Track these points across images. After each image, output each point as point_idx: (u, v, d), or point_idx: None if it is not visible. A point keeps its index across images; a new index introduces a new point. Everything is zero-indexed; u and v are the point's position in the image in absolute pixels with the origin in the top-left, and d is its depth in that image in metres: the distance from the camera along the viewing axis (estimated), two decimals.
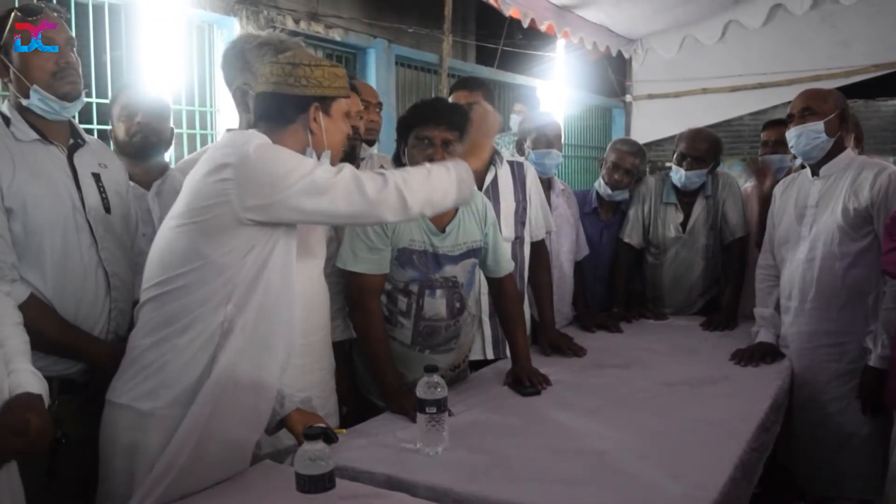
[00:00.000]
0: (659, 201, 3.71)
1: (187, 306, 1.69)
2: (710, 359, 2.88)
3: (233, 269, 1.70)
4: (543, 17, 5.25)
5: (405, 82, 5.63)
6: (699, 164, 3.57)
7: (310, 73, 1.81)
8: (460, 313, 2.49)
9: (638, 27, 6.65)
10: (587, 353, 2.94)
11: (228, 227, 1.68)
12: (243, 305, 1.71)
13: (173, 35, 3.79)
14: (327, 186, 1.71)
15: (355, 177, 1.75)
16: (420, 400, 1.88)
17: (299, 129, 1.82)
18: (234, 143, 1.74)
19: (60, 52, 1.93)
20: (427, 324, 2.43)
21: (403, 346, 2.44)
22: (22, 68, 1.91)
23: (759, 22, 6.39)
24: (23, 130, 1.93)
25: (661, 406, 2.30)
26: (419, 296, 2.42)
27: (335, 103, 1.86)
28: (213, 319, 1.69)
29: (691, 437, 2.04)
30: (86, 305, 1.97)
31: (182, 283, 1.70)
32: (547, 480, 1.75)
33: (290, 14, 4.50)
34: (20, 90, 1.93)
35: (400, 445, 1.96)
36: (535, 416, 2.23)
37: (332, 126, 1.86)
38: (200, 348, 1.70)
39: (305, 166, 1.72)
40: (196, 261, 1.69)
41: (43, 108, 1.94)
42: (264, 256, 1.74)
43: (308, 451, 1.48)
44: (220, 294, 1.69)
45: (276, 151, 1.73)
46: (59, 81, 1.93)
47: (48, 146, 1.97)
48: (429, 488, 1.72)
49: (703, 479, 1.76)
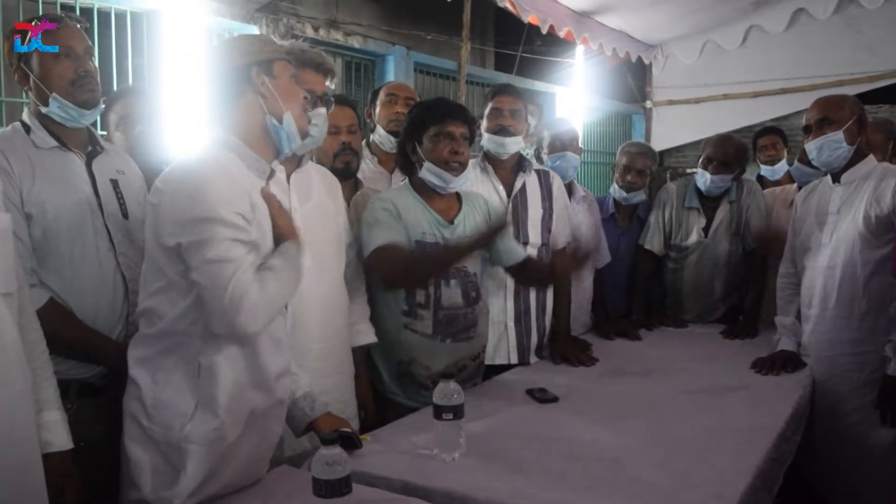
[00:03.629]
0: (681, 206, 3.71)
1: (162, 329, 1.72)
2: (729, 367, 2.86)
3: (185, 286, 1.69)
4: (563, 24, 5.24)
5: (424, 89, 5.65)
6: (725, 168, 3.56)
7: (235, 46, 1.84)
8: (476, 302, 2.57)
9: (658, 33, 6.61)
10: (606, 361, 2.93)
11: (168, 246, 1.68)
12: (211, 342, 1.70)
13: (194, 42, 3.82)
14: (226, 275, 1.63)
15: (244, 284, 1.64)
16: (437, 406, 1.88)
17: (251, 99, 1.80)
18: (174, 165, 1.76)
19: (79, 61, 1.97)
20: (446, 313, 2.50)
21: (425, 336, 2.50)
22: (42, 76, 1.94)
23: (781, 27, 6.32)
24: (42, 138, 1.96)
25: (680, 414, 2.29)
26: (436, 286, 2.49)
27: (276, 65, 1.84)
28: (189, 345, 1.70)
29: (710, 445, 2.02)
30: (104, 309, 2.00)
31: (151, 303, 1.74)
32: (564, 487, 1.75)
33: (309, 22, 4.53)
34: (40, 98, 1.96)
35: (417, 451, 1.95)
36: (553, 422, 2.22)
37: (281, 87, 1.83)
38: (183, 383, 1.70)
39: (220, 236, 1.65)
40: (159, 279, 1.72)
41: (62, 116, 1.97)
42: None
43: (325, 456, 1.48)
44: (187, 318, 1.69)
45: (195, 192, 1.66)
46: (79, 89, 1.96)
47: (67, 153, 1.99)
48: (446, 494, 1.72)
49: (721, 488, 1.74)
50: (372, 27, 5.15)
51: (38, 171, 1.91)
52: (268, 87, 1.81)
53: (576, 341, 3.10)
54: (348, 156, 2.62)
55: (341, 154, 2.60)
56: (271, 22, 4.11)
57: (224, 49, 1.84)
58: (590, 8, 5.45)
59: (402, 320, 2.50)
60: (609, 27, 5.89)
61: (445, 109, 2.53)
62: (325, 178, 2.41)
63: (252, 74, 1.80)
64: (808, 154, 2.88)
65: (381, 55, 5.21)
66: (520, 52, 6.03)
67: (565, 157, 3.34)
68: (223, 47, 1.86)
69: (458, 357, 2.55)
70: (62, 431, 1.71)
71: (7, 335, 1.54)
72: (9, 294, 1.57)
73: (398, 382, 2.55)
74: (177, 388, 1.70)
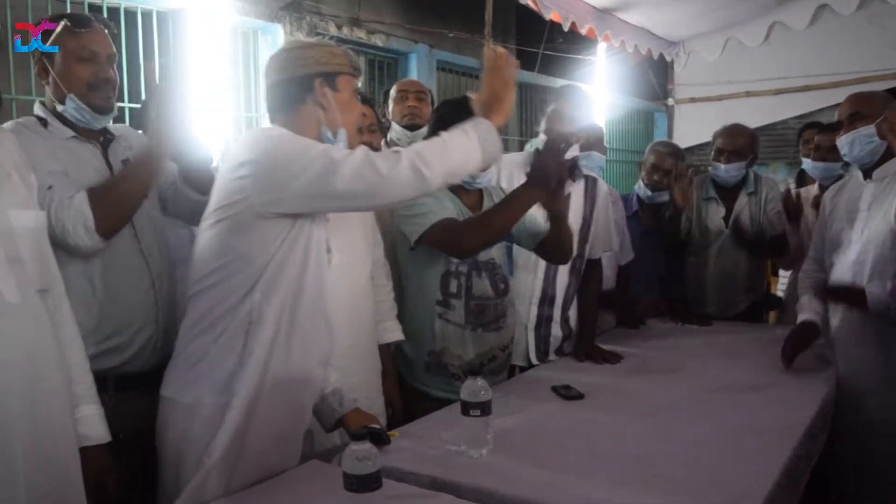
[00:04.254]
0: (700, 198, 3.74)
1: (218, 299, 1.76)
2: (754, 365, 2.84)
3: (259, 259, 1.74)
4: (584, 21, 5.22)
5: (446, 87, 5.66)
6: (737, 157, 3.62)
7: (305, 54, 1.85)
8: (504, 293, 2.61)
9: (680, 30, 6.58)
10: (629, 358, 2.94)
11: (251, 221, 1.73)
12: (270, 294, 1.75)
13: (219, 41, 3.85)
14: (337, 168, 1.70)
15: (366, 156, 1.74)
16: (464, 403, 1.89)
17: (311, 110, 1.85)
18: (250, 139, 1.81)
19: (100, 67, 1.99)
20: (476, 302, 2.54)
21: (457, 325, 2.54)
22: (61, 75, 1.96)
23: (804, 23, 6.28)
24: (59, 128, 2.00)
25: (705, 412, 2.28)
26: (468, 276, 2.53)
27: (340, 79, 1.87)
28: (241, 308, 1.75)
29: (735, 444, 2.02)
30: (132, 292, 2.03)
31: (215, 278, 1.77)
32: (591, 484, 1.75)
33: (332, 20, 4.55)
34: (57, 95, 1.99)
35: (445, 447, 1.96)
36: (578, 419, 2.23)
37: (341, 101, 1.87)
38: (232, 338, 1.75)
39: (315, 152, 1.72)
40: (226, 256, 1.75)
41: (76, 117, 2.00)
42: (289, 246, 1.77)
43: (355, 451, 1.49)
44: (246, 284, 1.75)
45: (289, 141, 1.76)
46: (95, 94, 1.98)
47: (84, 143, 2.02)
48: (474, 490, 1.72)
49: (747, 487, 1.74)
50: (394, 25, 5.17)
51: (58, 160, 1.93)
52: (329, 99, 1.84)
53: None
54: None
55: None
56: (295, 21, 4.13)
57: (291, 55, 1.86)
58: (612, 5, 5.43)
59: (436, 310, 2.53)
60: (631, 24, 5.87)
61: (471, 108, 2.51)
62: None
63: (315, 84, 1.83)
64: (840, 149, 2.86)
65: (404, 53, 5.23)
66: (541, 49, 6.02)
67: (591, 157, 3.33)
68: (291, 53, 1.87)
69: (489, 347, 2.58)
70: (99, 425, 1.74)
71: (43, 331, 1.57)
72: (44, 290, 1.61)
73: (429, 373, 2.58)
74: (223, 347, 1.75)
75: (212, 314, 1.77)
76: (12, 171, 1.62)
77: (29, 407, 1.51)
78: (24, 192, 1.64)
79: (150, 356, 2.05)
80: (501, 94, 1.90)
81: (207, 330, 1.77)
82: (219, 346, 1.76)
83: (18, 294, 1.50)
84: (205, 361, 1.77)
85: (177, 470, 1.76)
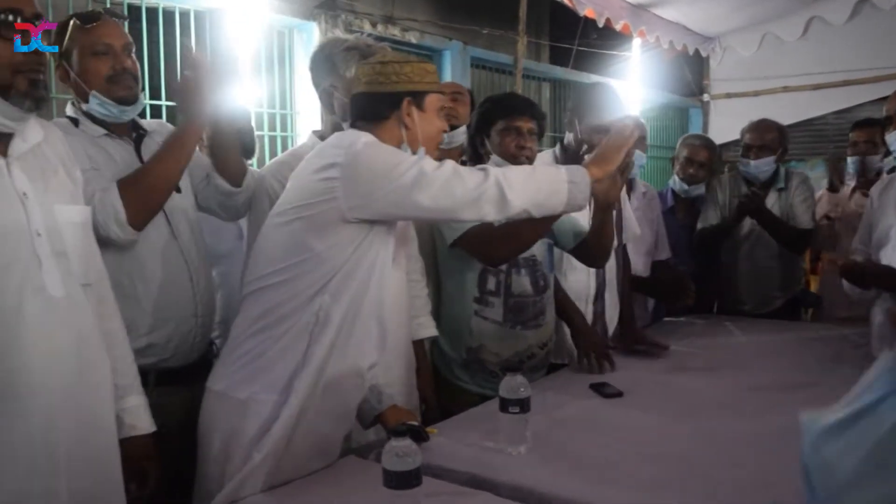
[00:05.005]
0: (732, 195, 3.71)
1: (287, 297, 1.76)
2: (798, 362, 2.79)
3: (333, 261, 1.75)
4: (619, 17, 5.18)
5: (480, 84, 5.65)
6: (766, 152, 3.59)
7: (399, 70, 1.85)
8: (544, 290, 2.60)
9: (716, 25, 6.49)
10: (668, 356, 2.90)
11: (333, 223, 1.74)
12: (338, 297, 1.76)
13: (255, 40, 3.87)
14: (429, 181, 1.73)
15: (456, 170, 1.77)
16: (503, 399, 1.88)
17: (394, 126, 1.86)
18: (342, 142, 1.80)
19: (117, 58, 1.98)
20: (515, 300, 2.54)
21: (496, 323, 2.54)
22: (80, 74, 1.97)
23: (843, 17, 6.15)
24: (91, 127, 2.01)
25: (749, 411, 2.24)
26: (507, 274, 2.52)
27: (427, 98, 1.88)
28: (309, 309, 1.75)
29: (782, 443, 1.94)
30: (171, 288, 2.04)
31: (285, 276, 1.77)
32: (632, 484, 1.73)
33: (366, 18, 4.55)
34: (80, 95, 2.00)
35: (482, 444, 1.95)
36: (618, 417, 2.20)
37: (425, 120, 1.88)
38: (296, 337, 1.76)
39: (408, 163, 1.75)
40: (301, 254, 1.76)
41: (102, 113, 2.00)
42: (363, 251, 1.78)
43: (395, 448, 1.49)
44: (317, 284, 1.75)
45: (381, 149, 1.78)
46: (115, 86, 1.98)
47: (116, 140, 2.03)
48: (512, 488, 1.71)
49: (793, 487, 1.69)
50: (428, 23, 5.16)
51: (91, 158, 1.95)
52: (414, 119, 1.86)
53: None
54: None
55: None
56: (330, 19, 4.14)
57: (385, 69, 1.85)
58: (646, 0, 5.38)
59: (473, 307, 2.53)
60: (666, 20, 5.81)
61: (514, 104, 2.58)
62: None
63: (403, 104, 1.84)
64: (889, 145, 2.83)
65: (438, 50, 5.22)
66: (575, 45, 5.98)
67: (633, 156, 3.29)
68: (385, 67, 1.86)
69: (527, 344, 2.57)
70: (144, 415, 1.76)
71: (87, 325, 1.58)
72: (88, 285, 1.62)
73: (466, 370, 2.57)
74: (287, 346, 1.76)
75: (277, 311, 1.77)
76: (59, 166, 1.64)
77: (72, 401, 1.52)
78: (71, 186, 1.65)
79: (190, 351, 2.07)
80: (611, 155, 1.98)
81: (270, 327, 1.78)
82: (282, 345, 1.76)
83: (63, 288, 1.52)
84: (264, 358, 1.77)
85: (223, 464, 1.77)
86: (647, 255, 3.46)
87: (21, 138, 1.53)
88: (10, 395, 1.44)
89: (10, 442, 1.44)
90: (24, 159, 1.53)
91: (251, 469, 1.70)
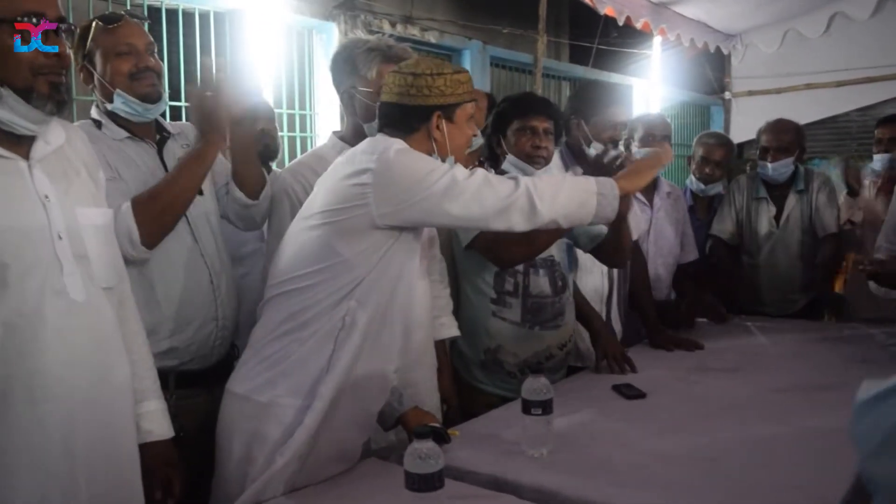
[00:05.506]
0: (751, 197, 3.67)
1: (313, 301, 1.75)
2: (822, 363, 2.76)
3: (362, 267, 1.74)
4: (639, 15, 5.14)
5: (500, 83, 5.63)
6: (784, 154, 3.54)
7: (431, 83, 1.82)
8: (563, 291, 2.58)
9: (737, 22, 6.44)
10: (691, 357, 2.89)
11: (363, 228, 1.73)
12: (365, 302, 1.75)
13: (274, 40, 3.88)
14: (461, 190, 1.73)
15: (486, 179, 1.77)
16: (525, 401, 1.87)
17: (423, 138, 1.84)
18: (374, 148, 1.78)
19: (140, 57, 1.99)
20: (534, 300, 2.53)
21: (514, 324, 2.53)
22: (105, 74, 1.98)
23: (866, 13, 6.08)
24: (114, 130, 2.01)
25: (774, 413, 2.22)
26: (524, 274, 2.52)
27: (459, 109, 1.86)
28: (335, 314, 1.74)
29: (808, 446, 1.95)
30: (191, 291, 2.03)
31: (312, 280, 1.76)
32: (657, 486, 1.71)
33: (386, 18, 4.55)
34: (104, 95, 2.00)
35: (504, 446, 1.94)
36: (641, 419, 2.18)
37: (455, 132, 1.87)
38: (322, 341, 1.75)
39: (440, 171, 1.74)
40: (328, 259, 1.75)
41: (127, 111, 2.00)
42: (390, 258, 1.77)
43: (418, 450, 1.47)
44: (344, 289, 1.74)
45: (414, 157, 1.76)
46: (137, 84, 1.98)
47: (139, 142, 2.03)
48: (535, 490, 1.69)
49: (823, 490, 1.67)
50: (447, 22, 5.15)
51: (113, 162, 1.95)
52: (443, 132, 1.84)
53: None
54: None
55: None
56: (349, 19, 4.14)
57: (417, 82, 1.82)
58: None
59: (491, 308, 2.52)
60: (687, 17, 5.77)
61: (529, 104, 2.57)
62: None
63: (433, 118, 1.83)
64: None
65: (458, 50, 5.21)
66: (596, 44, 5.95)
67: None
68: (417, 80, 1.82)
69: (546, 345, 2.55)
70: (163, 420, 1.75)
71: (107, 328, 1.58)
72: (109, 288, 1.62)
73: (485, 371, 2.56)
74: (312, 350, 1.75)
75: (302, 316, 1.76)
76: (82, 168, 1.64)
77: (92, 404, 1.52)
78: (93, 189, 1.65)
79: (210, 354, 2.07)
80: (644, 172, 2.01)
81: (295, 331, 1.77)
82: (307, 349, 1.76)
83: (84, 292, 1.51)
84: (288, 362, 1.76)
85: (244, 466, 1.76)
86: (669, 255, 3.42)
87: (43, 141, 1.53)
88: (30, 398, 1.44)
89: (30, 445, 1.44)
90: (46, 162, 1.53)
91: (274, 473, 1.70)
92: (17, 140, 1.48)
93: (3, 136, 1.47)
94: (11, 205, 1.45)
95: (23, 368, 1.43)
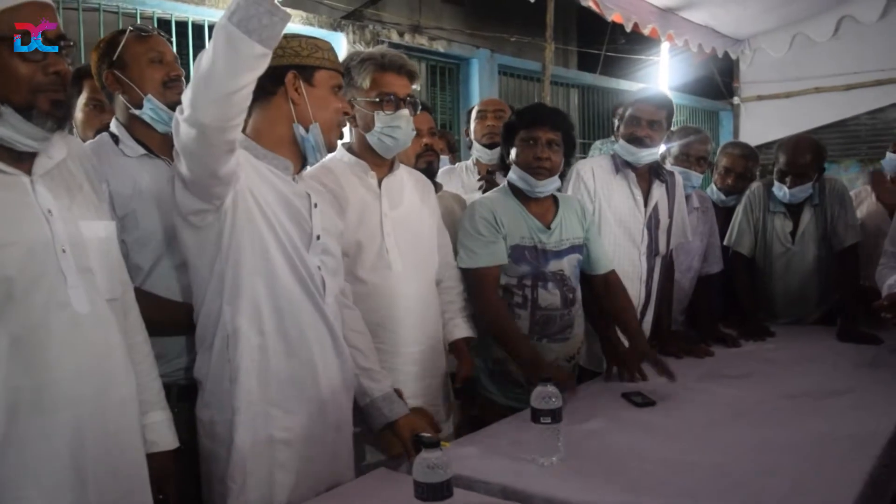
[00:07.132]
0: (766, 210, 3.55)
1: (204, 314, 1.80)
2: (833, 369, 2.75)
3: (207, 269, 1.76)
4: (647, 21, 5.16)
5: (508, 91, 5.65)
6: (803, 179, 3.37)
7: (285, 44, 1.77)
8: (572, 304, 2.59)
9: (745, 27, 6.44)
10: (702, 364, 2.89)
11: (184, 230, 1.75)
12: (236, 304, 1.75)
13: None
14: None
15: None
16: (535, 410, 1.87)
17: (281, 102, 1.80)
18: None
19: (171, 66, 2.06)
20: (543, 313, 2.54)
21: None
22: (135, 79, 2.01)
23: (875, 16, 6.07)
24: (131, 147, 2.04)
25: (784, 419, 2.21)
26: (533, 287, 2.53)
27: (318, 73, 1.82)
28: (220, 322, 1.76)
29: (817, 451, 1.95)
30: None
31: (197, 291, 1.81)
32: (668, 493, 1.70)
33: (394, 28, 4.58)
34: (133, 100, 2.03)
35: (514, 455, 1.94)
36: (651, 427, 2.17)
37: (317, 98, 1.82)
38: (220, 353, 1.77)
39: None
40: (193, 273, 1.80)
41: (153, 118, 2.03)
42: (231, 249, 1.74)
43: (426, 459, 1.48)
44: (217, 296, 1.76)
45: None
46: (169, 91, 2.02)
47: (154, 160, 2.05)
48: (546, 500, 1.69)
49: (831, 496, 1.67)
50: (456, 31, 5.19)
51: (127, 179, 1.97)
52: (302, 94, 1.79)
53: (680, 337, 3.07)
54: (430, 156, 2.72)
55: (424, 155, 2.68)
56: (357, 29, 4.16)
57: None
58: (675, 4, 5.35)
59: None
60: (694, 23, 5.78)
61: (535, 115, 2.56)
62: (418, 182, 2.43)
63: (287, 78, 1.78)
64: None
65: (466, 58, 5.23)
66: (604, 51, 5.97)
67: (688, 176, 3.22)
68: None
69: (554, 357, 2.55)
70: (167, 431, 1.76)
71: (112, 339, 1.59)
72: (114, 300, 1.63)
73: (494, 381, 2.56)
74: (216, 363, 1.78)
75: (204, 329, 1.79)
76: (84, 181, 1.65)
77: (98, 416, 1.52)
78: (96, 202, 1.66)
79: None
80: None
81: (202, 346, 1.80)
82: (213, 363, 1.77)
83: (89, 304, 1.52)
84: (208, 379, 1.79)
85: (209, 488, 1.80)
86: (689, 270, 3.36)
87: (46, 156, 1.54)
88: (37, 410, 1.44)
89: (38, 457, 1.44)
90: (48, 177, 1.54)
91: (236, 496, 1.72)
92: (18, 156, 1.49)
93: (5, 153, 1.47)
94: (15, 220, 1.46)
95: (29, 381, 1.44)
